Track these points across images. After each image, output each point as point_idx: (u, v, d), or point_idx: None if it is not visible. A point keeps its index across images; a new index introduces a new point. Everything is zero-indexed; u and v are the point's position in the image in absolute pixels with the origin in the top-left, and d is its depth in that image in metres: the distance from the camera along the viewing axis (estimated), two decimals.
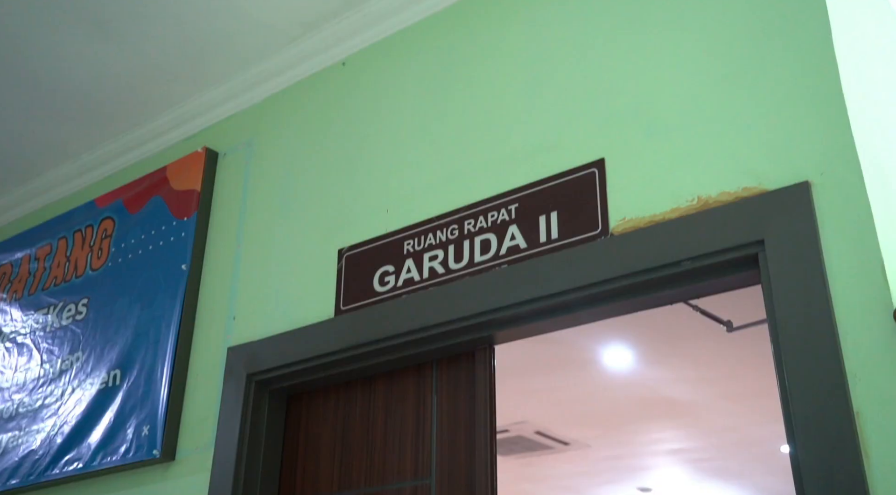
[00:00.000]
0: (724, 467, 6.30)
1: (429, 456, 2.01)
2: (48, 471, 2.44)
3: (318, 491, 2.16)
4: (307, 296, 2.25)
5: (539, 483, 6.97)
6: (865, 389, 1.35)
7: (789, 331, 1.46)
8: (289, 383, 2.25)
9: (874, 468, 1.32)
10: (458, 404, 2.03)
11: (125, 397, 2.39)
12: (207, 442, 2.25)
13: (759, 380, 4.47)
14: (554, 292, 1.82)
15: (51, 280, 2.84)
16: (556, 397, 5.03)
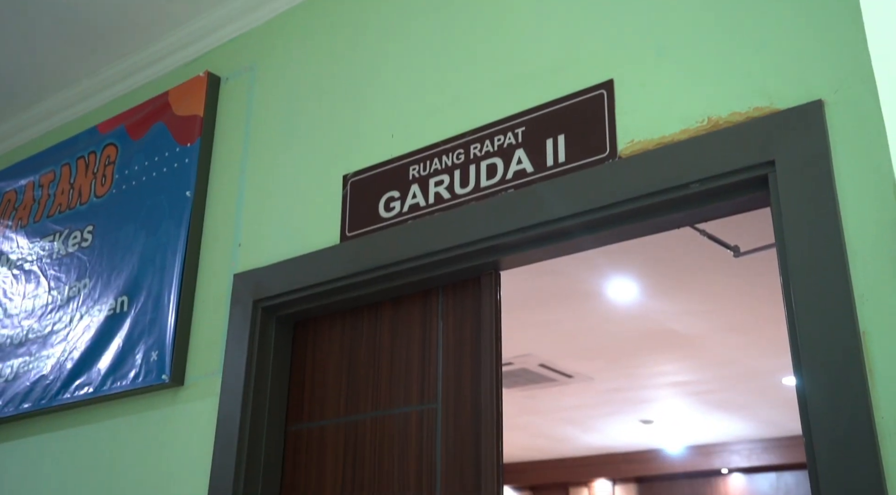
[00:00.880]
0: (726, 399, 6.38)
1: (435, 382, 2.03)
2: (59, 396, 2.48)
3: (325, 415, 2.19)
4: (312, 222, 2.24)
5: (542, 415, 7.09)
6: (872, 309, 1.34)
7: (797, 253, 1.45)
8: (295, 309, 2.26)
9: (878, 387, 1.32)
10: (464, 330, 2.04)
11: (133, 323, 2.41)
12: (216, 368, 2.28)
13: (763, 312, 4.49)
14: (561, 216, 1.81)
15: (55, 207, 2.83)
16: (560, 330, 5.07)
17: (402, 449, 2.02)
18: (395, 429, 2.05)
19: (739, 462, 7.68)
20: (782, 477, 7.68)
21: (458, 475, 1.91)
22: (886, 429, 1.30)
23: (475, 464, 1.89)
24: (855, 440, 1.32)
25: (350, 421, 2.14)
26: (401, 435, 2.03)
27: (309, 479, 2.14)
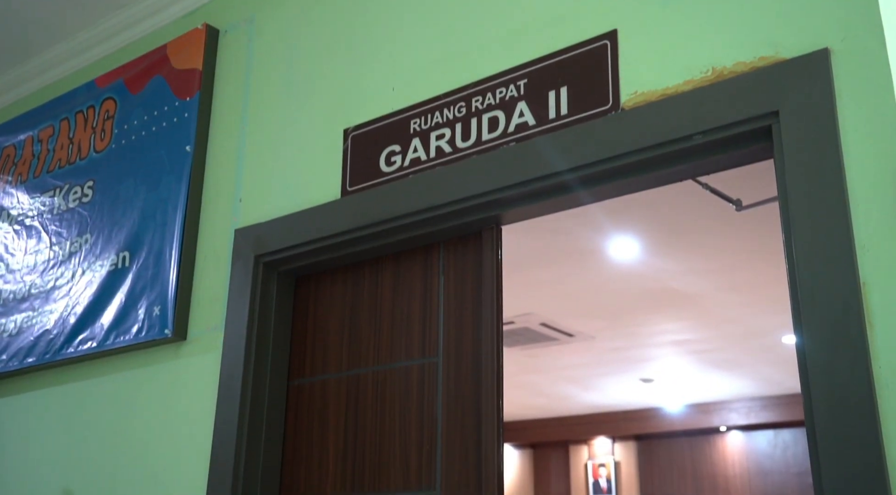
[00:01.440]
0: (726, 358, 6.42)
1: (435, 336, 2.04)
2: (63, 350, 2.50)
3: (327, 369, 2.21)
4: (313, 177, 2.24)
5: (543, 374, 7.15)
6: (873, 260, 1.34)
7: (799, 203, 1.45)
8: (296, 264, 2.26)
9: (877, 337, 1.33)
10: (465, 284, 2.05)
11: (135, 278, 2.41)
12: (218, 323, 2.29)
13: (764, 271, 4.50)
14: (563, 169, 1.80)
15: (55, 162, 2.82)
16: (561, 289, 5.08)
17: (403, 402, 2.04)
18: (396, 383, 2.06)
19: (738, 420, 7.76)
20: (780, 435, 7.76)
21: (459, 428, 1.93)
22: (884, 380, 1.30)
23: (476, 417, 1.91)
24: (853, 392, 1.33)
25: (351, 375, 2.15)
26: (402, 389, 2.05)
27: (311, 432, 2.17)
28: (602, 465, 8.82)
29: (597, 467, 8.86)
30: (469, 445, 1.90)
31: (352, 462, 2.07)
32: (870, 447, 1.29)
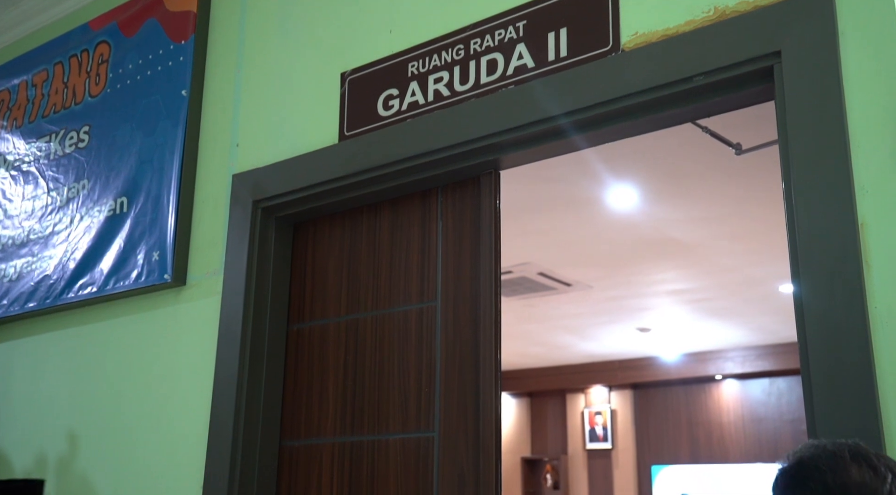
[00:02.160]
0: (723, 307, 6.46)
1: (434, 280, 2.05)
2: (63, 295, 2.51)
3: (326, 314, 2.22)
4: (310, 121, 2.22)
5: (541, 323, 7.20)
6: (873, 200, 1.34)
7: (800, 145, 1.44)
8: (294, 210, 2.26)
9: (874, 277, 1.33)
10: (463, 229, 2.05)
11: (133, 224, 2.41)
12: (217, 268, 2.29)
13: (762, 220, 4.50)
14: (562, 112, 1.79)
15: (50, 107, 2.80)
16: (559, 238, 5.08)
17: (401, 346, 2.05)
18: (395, 327, 2.08)
19: (733, 368, 7.85)
20: (775, 383, 7.86)
21: (458, 372, 1.95)
22: (879, 319, 1.31)
23: (474, 361, 1.93)
24: (849, 333, 1.34)
25: (350, 320, 2.17)
26: (401, 332, 2.07)
27: (311, 376, 2.19)
28: (598, 413, 8.95)
29: (593, 415, 8.99)
30: (467, 389, 1.93)
31: (351, 404, 2.10)
32: (864, 391, 1.31)
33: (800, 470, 1.00)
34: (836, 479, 0.96)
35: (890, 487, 0.96)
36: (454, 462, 1.90)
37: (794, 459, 1.03)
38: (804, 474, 0.99)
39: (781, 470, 1.04)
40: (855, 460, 0.98)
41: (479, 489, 1.84)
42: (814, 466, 0.99)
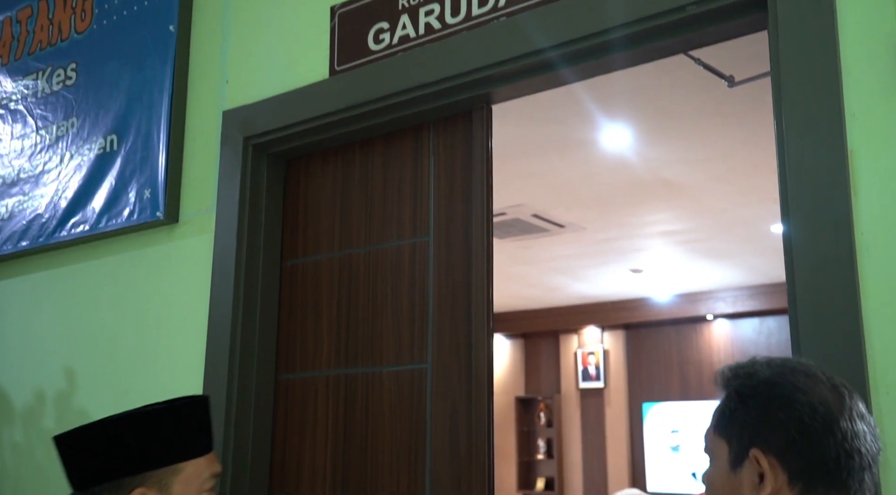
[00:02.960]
0: (715, 248, 6.49)
1: (427, 216, 2.06)
2: (56, 234, 2.51)
3: (319, 250, 2.23)
4: (300, 56, 2.19)
5: (534, 265, 7.24)
6: (862, 127, 1.34)
7: (792, 72, 1.43)
8: (286, 146, 2.25)
9: (861, 205, 1.34)
10: (456, 164, 2.05)
11: (124, 161, 2.40)
12: (209, 205, 2.30)
13: (754, 160, 4.49)
14: (554, 44, 1.77)
15: (36, 44, 2.75)
16: (553, 180, 5.08)
17: (395, 281, 2.07)
18: (388, 262, 2.10)
19: (724, 308, 7.93)
20: (765, 322, 7.96)
21: (450, 306, 1.97)
22: (865, 245, 1.33)
23: (467, 295, 1.95)
24: (834, 260, 1.35)
25: (344, 255, 2.18)
26: (393, 268, 2.08)
27: (305, 311, 2.21)
28: (591, 353, 9.08)
29: (586, 355, 9.12)
30: (459, 322, 1.95)
31: (345, 338, 2.13)
32: (849, 322, 1.32)
33: (774, 390, 0.99)
34: (819, 399, 0.97)
35: (857, 403, 0.98)
36: (447, 393, 1.93)
37: (763, 379, 1.01)
38: (786, 395, 0.98)
39: (749, 389, 1.02)
40: (826, 378, 0.99)
41: (471, 418, 1.88)
42: (793, 386, 0.98)
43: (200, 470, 1.32)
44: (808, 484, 0.95)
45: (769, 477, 0.97)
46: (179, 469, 1.30)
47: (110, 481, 1.27)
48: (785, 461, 0.96)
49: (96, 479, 1.28)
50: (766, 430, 0.99)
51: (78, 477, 1.30)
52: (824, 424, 0.95)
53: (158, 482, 1.28)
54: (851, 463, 0.94)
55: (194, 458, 1.32)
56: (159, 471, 1.28)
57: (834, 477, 0.95)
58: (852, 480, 0.95)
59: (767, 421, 0.99)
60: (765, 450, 0.98)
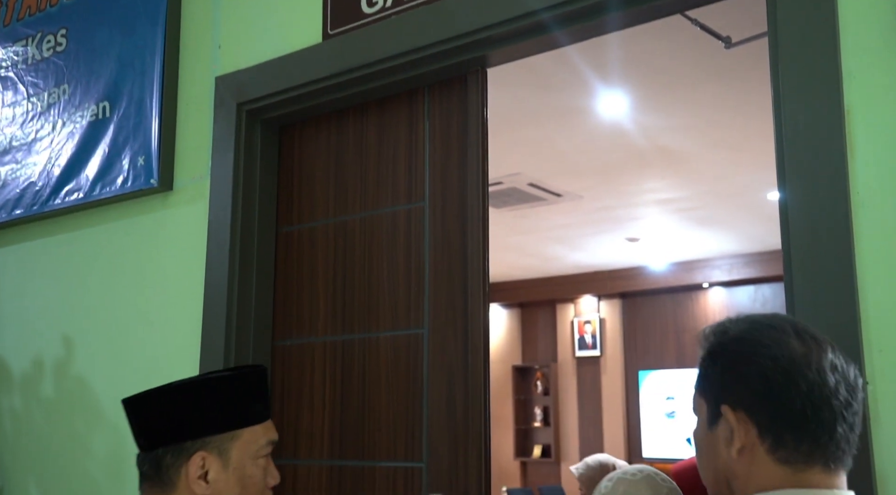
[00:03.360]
0: (711, 216, 6.49)
1: (422, 181, 2.05)
2: (50, 202, 2.50)
3: (314, 217, 2.23)
4: (293, 20, 2.17)
5: (532, 234, 7.24)
6: (859, 86, 1.34)
7: (789, 30, 1.42)
8: (280, 112, 2.24)
9: (857, 163, 1.34)
10: (451, 129, 2.03)
11: (117, 129, 2.38)
12: (203, 172, 2.29)
13: (752, 127, 4.47)
14: (550, 5, 1.75)
15: (24, 10, 2.72)
16: (549, 148, 5.06)
17: (390, 247, 2.07)
18: (383, 228, 2.09)
19: (720, 276, 7.95)
20: (760, 290, 7.99)
21: (446, 268, 1.97)
22: (860, 203, 1.33)
23: (462, 257, 1.95)
24: (829, 219, 1.35)
25: (339, 222, 2.18)
26: (389, 234, 2.08)
27: (301, 278, 2.21)
28: (587, 322, 9.11)
29: (582, 324, 9.15)
30: (456, 286, 1.95)
31: (341, 304, 2.13)
32: (843, 285, 1.33)
33: (742, 346, 0.99)
34: (783, 352, 0.96)
35: (829, 355, 0.96)
36: (443, 357, 1.94)
37: (733, 336, 1.01)
38: (749, 350, 0.98)
39: (718, 346, 1.02)
40: (795, 332, 0.98)
41: (467, 382, 1.89)
42: (757, 341, 0.98)
43: (257, 436, 1.37)
44: (777, 438, 0.96)
45: (738, 433, 0.98)
46: (238, 435, 1.35)
47: (174, 443, 1.33)
48: (753, 416, 0.97)
49: (160, 441, 1.34)
50: (732, 386, 0.99)
51: (143, 438, 1.36)
52: (787, 377, 0.95)
53: (218, 447, 1.34)
54: (820, 415, 0.94)
55: (252, 425, 1.37)
56: (219, 437, 1.34)
57: (802, 430, 0.95)
58: (822, 432, 0.94)
59: (733, 377, 0.99)
60: (733, 406, 0.99)
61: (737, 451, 0.98)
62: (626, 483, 1.63)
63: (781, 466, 0.96)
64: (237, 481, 1.34)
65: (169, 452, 1.33)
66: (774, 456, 0.96)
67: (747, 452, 0.98)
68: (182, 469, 1.32)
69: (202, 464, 1.32)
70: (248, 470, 1.35)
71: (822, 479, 0.95)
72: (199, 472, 1.32)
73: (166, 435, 1.34)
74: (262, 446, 1.38)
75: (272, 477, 1.40)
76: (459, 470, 1.86)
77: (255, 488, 1.36)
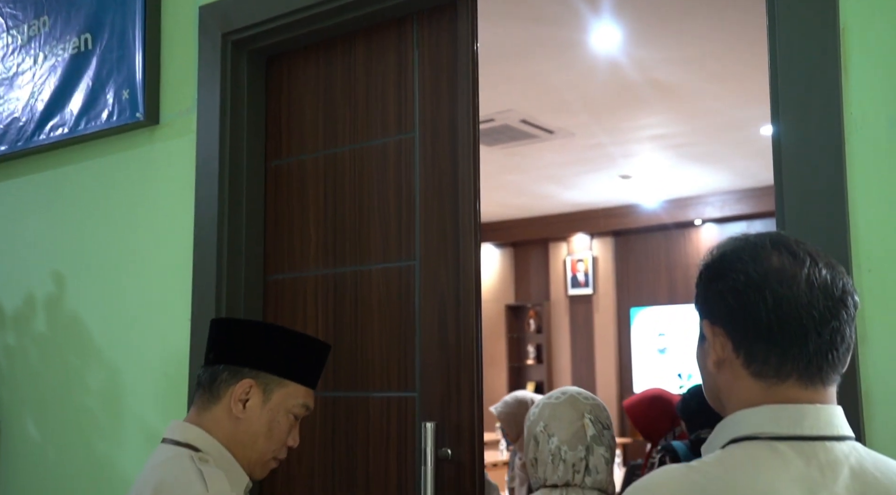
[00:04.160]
0: (704, 152, 6.47)
1: (412, 111, 2.02)
2: (34, 138, 2.47)
3: (304, 149, 2.20)
4: None
5: (524, 173, 7.21)
6: (854, 5, 1.31)
7: None
8: (266, 42, 2.19)
9: (851, 83, 1.32)
10: (441, 59, 2.00)
11: (100, 62, 2.34)
12: (190, 105, 2.25)
13: (746, 60, 4.42)
14: None
15: None
16: (542, 83, 5.00)
17: (381, 178, 2.05)
18: (373, 160, 2.07)
19: (713, 213, 7.97)
20: (753, 225, 8.01)
21: (437, 200, 1.96)
22: (853, 124, 1.32)
23: (453, 189, 1.94)
24: (823, 140, 1.34)
25: (329, 154, 2.15)
26: (379, 166, 2.06)
27: (292, 211, 2.20)
28: (580, 261, 9.16)
29: (575, 262, 9.20)
30: (447, 218, 1.94)
31: (333, 237, 2.12)
32: (833, 198, 1.33)
33: (722, 263, 1.01)
34: (756, 268, 0.97)
35: (809, 270, 0.96)
36: (435, 288, 1.94)
37: (718, 253, 1.03)
38: (726, 266, 1.00)
39: (705, 264, 1.04)
40: (776, 248, 0.98)
41: (459, 313, 1.90)
42: (736, 257, 0.99)
43: (299, 394, 1.54)
44: (748, 351, 0.98)
45: (715, 346, 1.01)
46: (285, 384, 1.52)
47: (235, 365, 1.50)
48: (727, 330, 0.99)
49: (226, 359, 1.51)
50: (710, 302, 1.02)
51: (214, 353, 1.53)
52: (758, 292, 0.96)
53: (266, 384, 1.50)
54: (786, 329, 0.95)
55: (300, 384, 1.54)
56: (271, 377, 1.51)
57: (770, 343, 0.96)
58: (789, 346, 0.95)
59: (712, 294, 1.02)
60: (712, 321, 1.01)
61: (713, 364, 1.01)
62: (551, 406, 1.69)
63: (757, 381, 0.97)
64: (266, 422, 1.49)
65: (228, 370, 1.49)
66: (749, 370, 0.98)
67: (727, 367, 1.00)
68: (231, 388, 1.48)
69: (247, 391, 1.48)
70: (279, 417, 1.50)
71: (798, 393, 0.96)
72: (242, 396, 1.48)
73: (233, 357, 1.50)
74: (299, 405, 1.53)
75: (293, 438, 1.54)
76: (452, 400, 1.89)
77: (277, 437, 1.51)
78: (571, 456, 1.61)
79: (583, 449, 1.62)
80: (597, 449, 1.62)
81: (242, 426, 1.47)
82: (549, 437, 1.64)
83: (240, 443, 1.47)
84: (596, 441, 1.62)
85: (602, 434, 1.65)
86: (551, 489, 1.61)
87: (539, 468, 1.64)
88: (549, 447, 1.63)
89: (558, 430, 1.64)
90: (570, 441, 1.62)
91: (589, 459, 1.61)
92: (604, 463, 1.63)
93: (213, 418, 1.47)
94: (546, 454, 1.63)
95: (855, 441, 0.97)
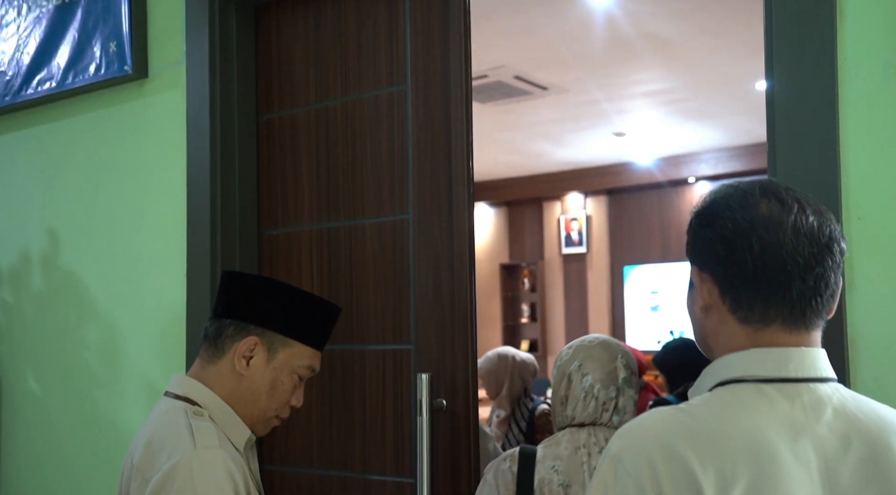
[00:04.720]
0: (698, 108, 6.44)
1: (403, 63, 2.00)
2: (21, 92, 2.44)
3: (295, 103, 2.18)
4: None
5: (517, 131, 7.18)
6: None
7: None
8: None
9: (846, 28, 1.31)
10: (432, 9, 1.97)
11: (85, 13, 2.29)
12: (179, 58, 2.22)
13: (739, 14, 4.38)
14: None
15: None
16: (535, 39, 4.95)
17: (373, 131, 2.04)
18: (365, 113, 2.06)
19: (706, 170, 7.97)
20: None
21: (430, 153, 1.95)
22: (847, 72, 1.31)
23: (446, 143, 1.93)
24: (817, 93, 1.33)
25: (321, 107, 2.13)
26: (372, 118, 2.04)
27: (284, 166, 2.19)
28: (574, 219, 9.17)
29: (569, 221, 9.21)
30: (440, 171, 1.94)
31: (326, 191, 2.11)
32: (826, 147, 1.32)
33: (712, 210, 1.01)
34: (744, 215, 0.97)
35: (796, 217, 0.96)
36: (429, 241, 1.94)
37: (709, 200, 1.03)
38: (715, 213, 1.00)
39: (696, 211, 1.04)
40: (764, 195, 0.98)
41: (453, 267, 1.90)
42: (724, 205, 1.00)
43: (304, 355, 1.52)
44: (734, 298, 0.99)
45: (703, 292, 1.02)
46: (291, 344, 1.50)
47: (242, 321, 1.48)
48: (715, 276, 1.00)
49: (233, 314, 1.49)
50: (698, 248, 1.03)
51: (222, 306, 1.52)
52: (744, 238, 0.96)
53: (271, 343, 1.49)
54: (770, 275, 0.95)
55: (306, 345, 1.52)
56: (277, 336, 1.49)
57: (754, 289, 0.97)
58: (772, 291, 0.96)
59: (700, 240, 1.02)
60: (700, 267, 1.02)
61: (701, 309, 1.03)
62: (586, 348, 1.73)
63: (743, 326, 0.99)
64: (269, 380, 1.48)
65: (234, 325, 1.48)
66: (735, 315, 0.99)
67: (714, 313, 1.01)
68: (236, 343, 1.47)
69: (252, 348, 1.47)
70: (282, 376, 1.49)
71: (783, 337, 0.97)
72: (246, 353, 1.47)
73: (240, 312, 1.49)
74: (304, 366, 1.51)
75: (297, 398, 1.53)
76: (447, 352, 1.90)
77: (280, 396, 1.50)
78: (604, 394, 1.66)
79: (614, 389, 1.67)
80: (627, 390, 1.68)
81: (245, 383, 1.46)
82: (583, 376, 1.68)
83: (242, 400, 1.47)
84: (626, 383, 1.68)
85: (631, 378, 1.69)
86: (578, 428, 1.66)
87: (569, 405, 1.69)
88: (584, 385, 1.68)
89: (593, 370, 1.69)
90: (603, 380, 1.67)
91: (619, 399, 1.67)
92: (632, 404, 1.69)
93: (216, 372, 1.47)
94: (579, 391, 1.68)
95: (837, 383, 0.98)
